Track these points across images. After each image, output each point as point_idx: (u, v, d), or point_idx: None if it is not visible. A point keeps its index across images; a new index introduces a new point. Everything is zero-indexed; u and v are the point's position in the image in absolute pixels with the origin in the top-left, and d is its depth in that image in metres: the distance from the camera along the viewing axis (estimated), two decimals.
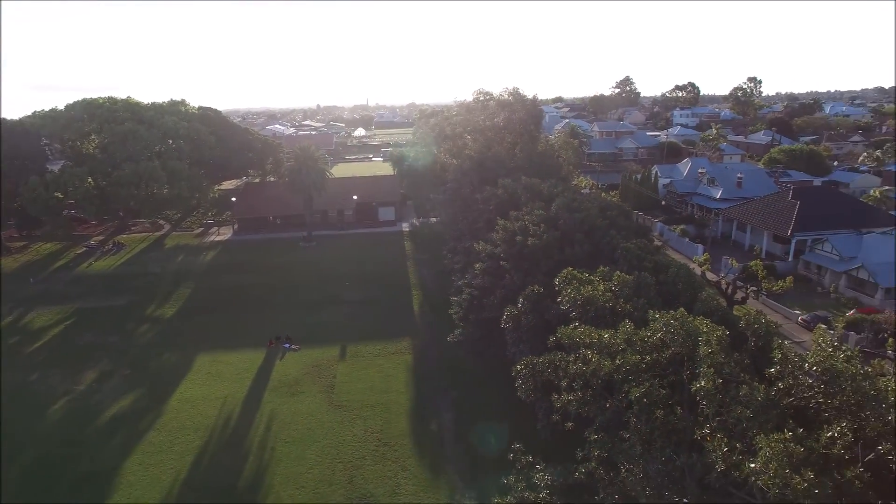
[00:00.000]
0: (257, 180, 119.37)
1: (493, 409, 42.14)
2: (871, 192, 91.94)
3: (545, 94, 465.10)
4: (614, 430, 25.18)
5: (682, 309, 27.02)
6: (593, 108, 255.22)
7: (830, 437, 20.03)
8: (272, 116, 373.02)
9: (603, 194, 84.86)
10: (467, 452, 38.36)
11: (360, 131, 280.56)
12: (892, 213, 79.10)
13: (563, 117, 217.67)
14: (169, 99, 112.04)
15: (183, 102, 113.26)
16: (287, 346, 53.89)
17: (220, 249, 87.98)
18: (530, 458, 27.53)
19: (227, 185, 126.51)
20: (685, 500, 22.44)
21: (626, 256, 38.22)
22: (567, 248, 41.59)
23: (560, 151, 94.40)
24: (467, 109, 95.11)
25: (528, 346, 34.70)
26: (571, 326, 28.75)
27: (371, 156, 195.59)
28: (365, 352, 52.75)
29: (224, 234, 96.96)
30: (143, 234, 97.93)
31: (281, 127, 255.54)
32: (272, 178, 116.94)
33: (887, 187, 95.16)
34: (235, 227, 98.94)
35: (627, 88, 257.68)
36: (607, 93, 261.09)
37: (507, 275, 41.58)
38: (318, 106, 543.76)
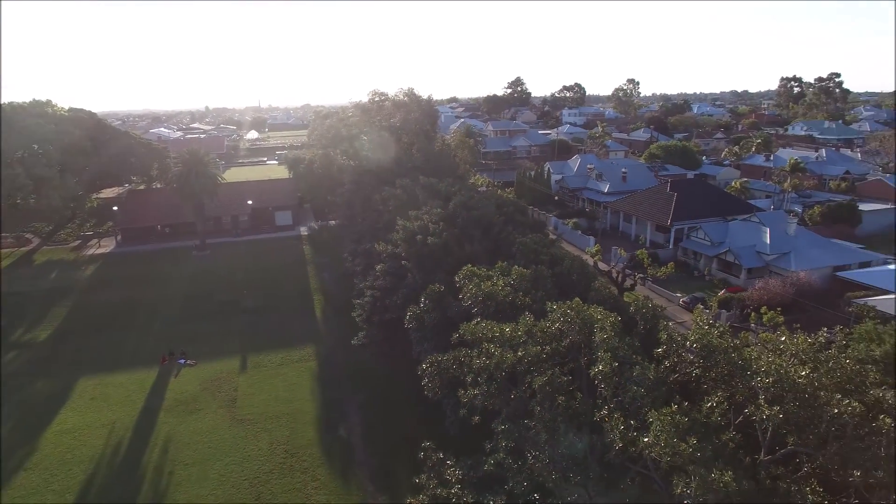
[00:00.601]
0: (142, 187, 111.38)
1: (401, 409, 42.15)
2: (733, 183, 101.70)
3: (440, 94, 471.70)
4: (520, 419, 26.05)
5: (577, 299, 28.45)
6: (487, 107, 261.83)
7: (710, 406, 21.93)
8: (156, 119, 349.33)
9: (499, 191, 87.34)
10: (378, 455, 38.15)
11: (252, 134, 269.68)
12: (750, 201, 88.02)
13: (458, 117, 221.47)
14: (31, 99, 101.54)
15: (49, 103, 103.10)
16: (182, 361, 50.83)
17: (102, 263, 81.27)
18: (441, 455, 27.82)
19: (108, 193, 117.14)
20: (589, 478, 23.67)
21: (523, 251, 39.61)
22: (467, 245, 42.42)
23: (456, 151, 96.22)
24: (363, 110, 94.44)
25: (433, 344, 35.01)
26: (474, 322, 29.38)
27: (265, 159, 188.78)
28: (267, 361, 50.89)
29: (106, 246, 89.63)
30: (7, 249, 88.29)
31: (166, 130, 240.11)
32: (158, 185, 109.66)
33: (745, 179, 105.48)
34: (118, 238, 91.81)
35: (519, 89, 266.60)
36: (500, 93, 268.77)
37: (409, 274, 41.72)
38: (207, 108, 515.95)
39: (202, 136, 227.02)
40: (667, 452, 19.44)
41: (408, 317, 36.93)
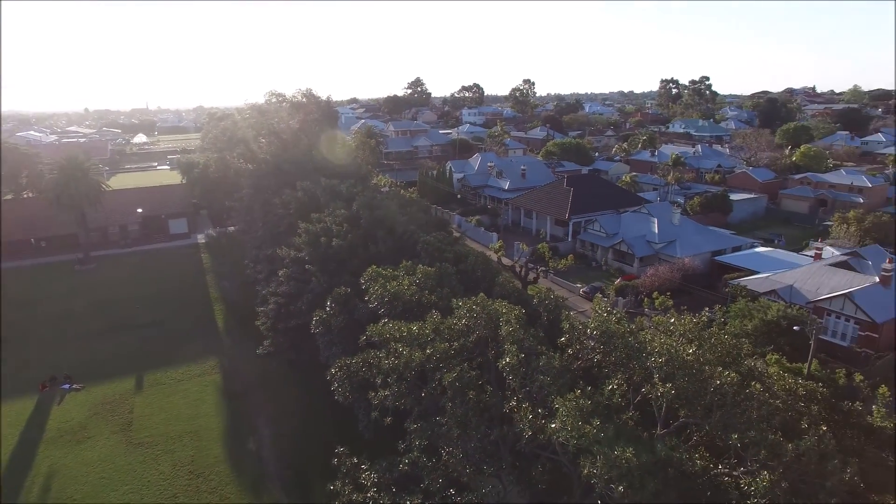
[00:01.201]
0: (9, 197, 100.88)
1: (313, 416, 41.16)
2: (624, 177, 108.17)
3: (340, 95, 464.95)
4: (432, 417, 26.24)
5: (482, 294, 29.07)
6: (388, 108, 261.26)
7: (611, 388, 23.18)
8: (24, 121, 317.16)
9: (402, 191, 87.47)
10: (290, 466, 37.01)
11: (140, 137, 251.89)
12: (640, 194, 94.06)
13: (358, 118, 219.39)
14: None
15: None
16: (66, 386, 46.63)
17: None
18: (355, 460, 27.46)
19: None
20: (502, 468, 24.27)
21: (428, 249, 39.93)
22: (371, 246, 42.12)
23: (357, 152, 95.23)
24: (260, 112, 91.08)
25: (341, 347, 34.49)
26: (381, 323, 29.24)
27: (156, 164, 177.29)
28: (166, 378, 47.83)
29: None
30: None
31: (38, 134, 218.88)
32: (29, 195, 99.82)
33: (634, 173, 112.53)
34: None
35: (419, 89, 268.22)
36: (400, 94, 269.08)
37: (314, 278, 40.80)
38: (87, 110, 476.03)
39: (82, 139, 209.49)
40: (573, 436, 20.35)
41: (314, 322, 36.11)
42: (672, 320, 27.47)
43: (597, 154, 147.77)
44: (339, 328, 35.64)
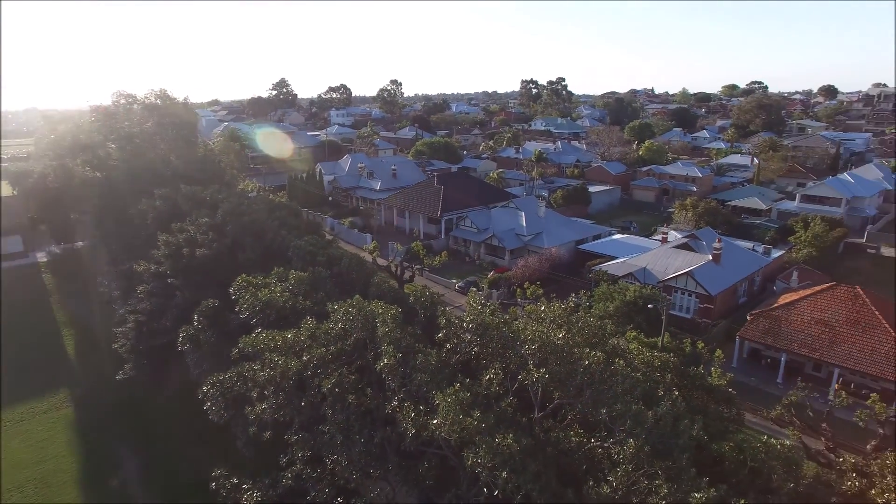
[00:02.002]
0: None
1: (186, 440, 38.34)
2: (491, 174, 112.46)
3: (199, 97, 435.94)
4: (314, 426, 25.51)
5: (358, 296, 28.72)
6: (252, 110, 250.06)
7: (488, 379, 23.93)
8: None
9: (271, 196, 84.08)
10: (164, 497, 34.20)
11: None
12: (507, 189, 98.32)
13: (221, 121, 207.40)
14: None
15: None
16: None
17: None
18: (235, 480, 25.99)
19: None
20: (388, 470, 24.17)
21: (300, 254, 38.77)
22: (240, 254, 40.09)
23: (221, 156, 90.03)
24: (107, 114, 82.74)
25: (213, 363, 32.46)
26: (254, 334, 27.93)
27: None
28: (2, 421, 42.08)
29: None
30: None
31: None
32: None
33: (501, 170, 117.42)
34: None
35: (284, 90, 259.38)
36: (265, 95, 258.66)
37: (178, 292, 38.06)
38: None
39: None
40: (455, 430, 20.75)
41: (181, 338, 33.66)
42: (542, 308, 28.91)
43: (465, 152, 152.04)
44: (209, 343, 33.52)
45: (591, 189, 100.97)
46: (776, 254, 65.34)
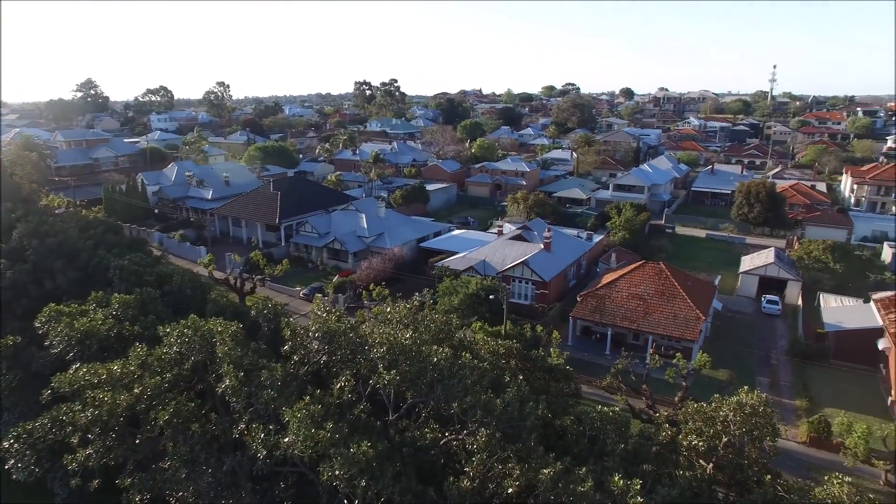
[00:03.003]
0: None
1: None
2: (329, 177, 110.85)
3: None
4: (153, 463, 23.21)
5: (193, 316, 26.63)
6: (52, 114, 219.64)
7: (340, 387, 23.55)
8: None
9: (84, 211, 74.70)
10: None
11: None
12: (346, 192, 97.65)
13: (11, 126, 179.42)
14: None
15: None
16: None
17: None
18: None
19: None
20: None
21: (123, 275, 35.02)
22: (47, 280, 35.14)
23: (14, 168, 78.10)
24: None
25: (18, 411, 28.10)
26: (72, 370, 24.67)
27: None
28: None
29: None
30: None
31: None
32: None
33: (339, 172, 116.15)
34: None
35: (92, 92, 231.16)
36: (67, 97, 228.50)
37: None
38: None
39: None
40: (308, 445, 20.13)
41: None
42: (389, 309, 29.14)
43: (301, 156, 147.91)
44: (11, 388, 28.92)
45: (429, 187, 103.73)
46: (597, 238, 72.43)
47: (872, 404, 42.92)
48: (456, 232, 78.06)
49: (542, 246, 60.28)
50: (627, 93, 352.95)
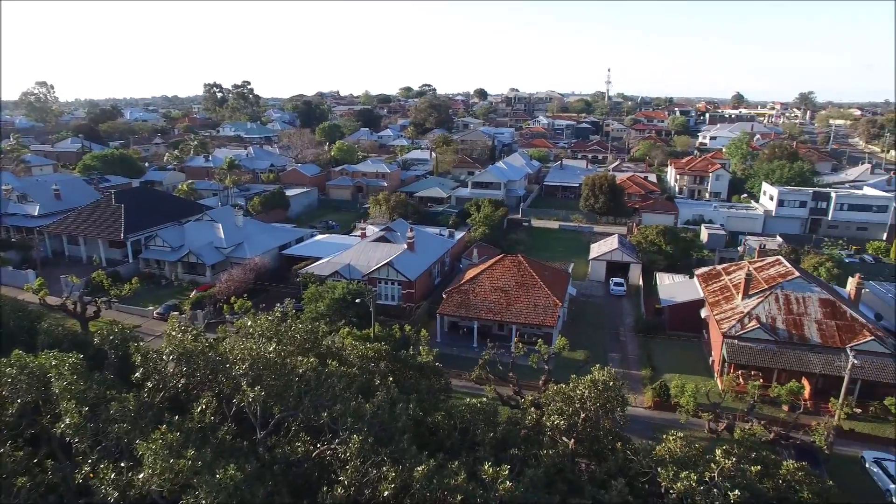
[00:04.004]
0: None
1: None
2: (180, 186, 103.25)
3: None
4: None
5: (17, 351, 23.58)
6: None
7: (201, 411, 22.15)
8: None
9: None
10: None
11: None
12: (200, 202, 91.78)
13: None
14: None
15: None
16: None
17: None
18: None
19: None
20: None
21: None
22: None
23: None
24: None
25: None
26: None
27: None
28: None
29: None
30: None
31: None
32: None
33: (191, 181, 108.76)
34: None
35: None
36: None
37: None
38: None
39: None
40: (167, 478, 18.72)
41: None
42: (249, 323, 27.94)
43: (147, 164, 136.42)
44: None
45: (289, 193, 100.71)
46: (459, 235, 74.82)
47: (699, 366, 48.91)
48: (319, 237, 76.57)
49: (406, 246, 61.08)
50: (481, 93, 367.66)
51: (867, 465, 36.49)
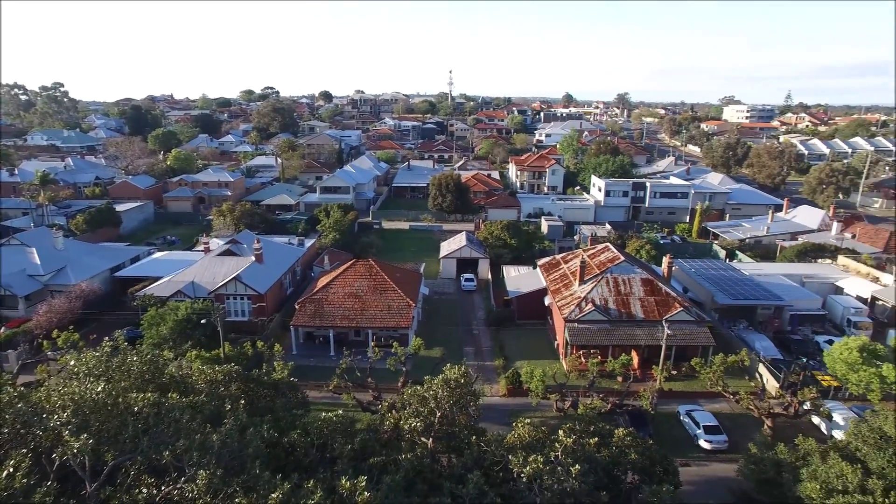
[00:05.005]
0: None
1: None
2: None
3: None
4: None
5: None
6: None
7: (8, 474, 19.16)
8: None
9: None
10: None
11: None
12: (4, 224, 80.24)
13: None
14: None
15: None
16: None
17: None
18: None
19: None
20: None
21: None
22: None
23: None
24: None
25: None
26: None
27: None
28: None
29: None
30: None
31: None
32: None
33: None
34: None
35: None
36: None
37: None
38: None
39: None
40: None
41: None
42: (73, 362, 25.14)
43: None
44: None
45: (120, 208, 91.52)
46: (309, 243, 73.19)
47: (546, 350, 52.71)
48: (158, 255, 70.65)
49: (254, 258, 58.56)
50: (326, 95, 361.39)
51: (682, 418, 41.93)
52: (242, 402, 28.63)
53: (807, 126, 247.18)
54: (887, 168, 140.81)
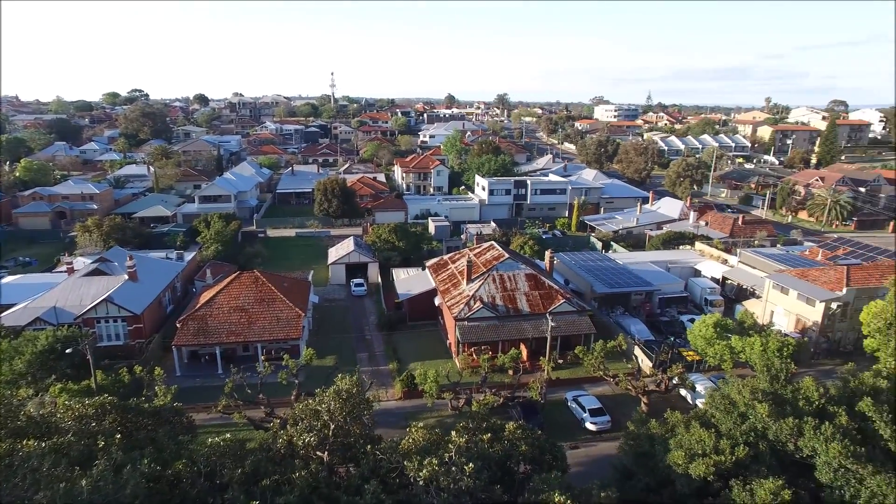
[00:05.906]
0: None
1: None
2: None
3: None
4: None
5: None
6: None
7: None
8: None
9: None
10: None
11: None
12: None
13: None
14: None
15: None
16: None
17: None
18: None
19: None
20: None
21: None
22: None
23: None
24: None
25: None
26: None
27: None
28: None
29: None
30: None
31: None
32: None
33: None
34: None
35: None
36: None
37: None
38: None
39: None
40: None
41: None
42: None
43: None
44: None
45: None
46: (189, 256, 69.14)
47: (439, 350, 53.74)
48: (8, 279, 63.38)
49: (127, 276, 54.45)
50: (202, 99, 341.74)
51: (569, 404, 44.60)
52: (118, 436, 26.58)
53: (665, 124, 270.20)
54: (729, 162, 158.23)
